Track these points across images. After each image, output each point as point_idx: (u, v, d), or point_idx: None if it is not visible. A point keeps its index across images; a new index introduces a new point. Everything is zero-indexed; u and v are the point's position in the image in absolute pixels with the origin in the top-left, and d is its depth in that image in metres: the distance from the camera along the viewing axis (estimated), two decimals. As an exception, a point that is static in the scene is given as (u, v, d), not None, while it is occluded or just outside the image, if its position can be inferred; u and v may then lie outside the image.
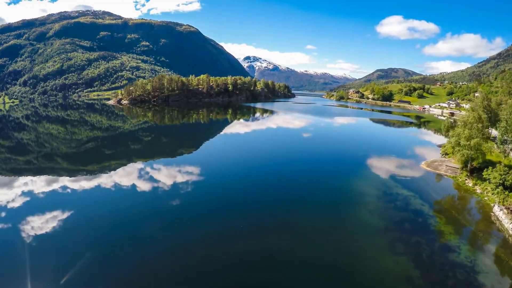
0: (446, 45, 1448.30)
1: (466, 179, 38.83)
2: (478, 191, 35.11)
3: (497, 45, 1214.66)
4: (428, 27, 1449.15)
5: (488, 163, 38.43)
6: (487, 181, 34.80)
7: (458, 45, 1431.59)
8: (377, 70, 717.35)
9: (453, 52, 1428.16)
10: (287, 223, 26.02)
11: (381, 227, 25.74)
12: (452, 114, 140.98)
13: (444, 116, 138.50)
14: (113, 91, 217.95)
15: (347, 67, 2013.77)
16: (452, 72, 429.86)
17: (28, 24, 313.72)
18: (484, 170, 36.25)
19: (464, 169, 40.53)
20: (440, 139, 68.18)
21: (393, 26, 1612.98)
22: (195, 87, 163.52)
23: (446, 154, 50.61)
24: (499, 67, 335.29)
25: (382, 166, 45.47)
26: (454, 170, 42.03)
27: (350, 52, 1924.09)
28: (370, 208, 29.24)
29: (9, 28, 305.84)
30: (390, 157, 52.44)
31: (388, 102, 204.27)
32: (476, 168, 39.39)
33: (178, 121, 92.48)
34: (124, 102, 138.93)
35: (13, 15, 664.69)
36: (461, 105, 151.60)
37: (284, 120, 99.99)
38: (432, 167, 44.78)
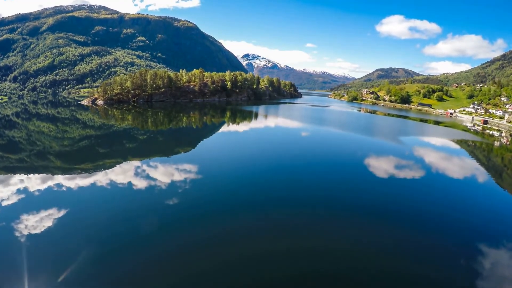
0: (446, 45, 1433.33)
1: None
2: None
3: (499, 47, 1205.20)
4: (430, 27, 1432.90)
5: None
6: None
7: (459, 46, 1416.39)
8: (377, 70, 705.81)
9: (454, 53, 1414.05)
10: (295, 226, 23.74)
11: None
12: (485, 121, 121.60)
13: (472, 124, 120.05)
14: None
15: (346, 66, 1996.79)
16: (455, 73, 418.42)
17: (22, 19, 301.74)
18: None
19: None
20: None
21: (394, 25, 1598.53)
22: (186, 84, 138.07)
23: None
24: (504, 69, 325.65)
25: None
26: None
27: (349, 51, 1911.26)
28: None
29: (2, 22, 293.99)
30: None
31: (407, 105, 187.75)
32: None
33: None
34: (99, 102, 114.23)
35: (9, 10, 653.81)
36: (490, 110, 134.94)
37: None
38: None
